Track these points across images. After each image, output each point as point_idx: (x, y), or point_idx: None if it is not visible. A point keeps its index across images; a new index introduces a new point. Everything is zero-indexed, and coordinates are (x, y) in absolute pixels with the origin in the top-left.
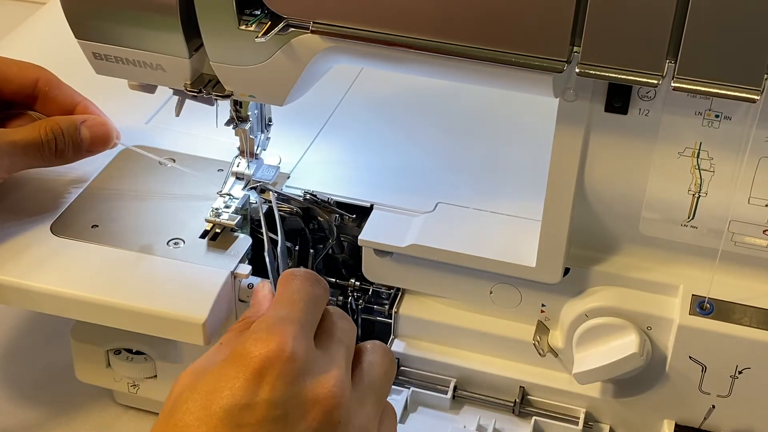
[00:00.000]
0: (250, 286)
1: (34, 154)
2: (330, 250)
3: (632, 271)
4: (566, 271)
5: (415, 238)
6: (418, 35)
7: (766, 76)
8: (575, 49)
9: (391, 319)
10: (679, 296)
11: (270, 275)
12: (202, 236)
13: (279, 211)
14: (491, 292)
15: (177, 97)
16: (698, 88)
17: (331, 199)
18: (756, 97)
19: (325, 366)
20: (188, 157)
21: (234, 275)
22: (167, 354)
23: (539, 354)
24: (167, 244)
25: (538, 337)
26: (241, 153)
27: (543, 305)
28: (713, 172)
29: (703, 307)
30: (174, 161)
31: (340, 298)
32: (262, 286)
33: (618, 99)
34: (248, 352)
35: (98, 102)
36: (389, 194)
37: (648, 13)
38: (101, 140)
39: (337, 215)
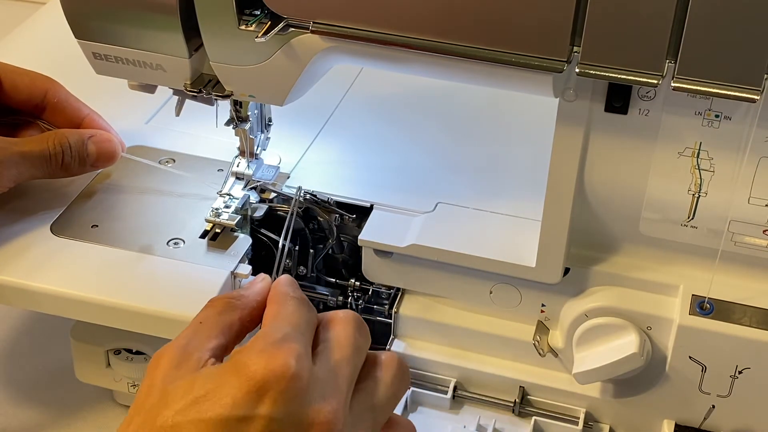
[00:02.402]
0: None
1: (41, 165)
2: (330, 250)
3: (632, 271)
4: (566, 271)
5: (415, 238)
6: (418, 35)
7: (766, 76)
8: (575, 49)
9: (391, 319)
10: (679, 296)
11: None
12: (202, 236)
13: (279, 211)
14: (491, 292)
15: (177, 97)
16: (698, 88)
17: (331, 199)
18: (756, 97)
19: (326, 391)
20: (188, 157)
21: (234, 275)
22: None
23: (539, 354)
24: (167, 244)
25: (538, 337)
26: (241, 153)
27: (543, 305)
28: (713, 172)
29: (703, 307)
30: (174, 161)
31: (341, 298)
32: (263, 278)
33: (618, 99)
34: (253, 363)
35: (98, 102)
36: (389, 194)
37: (648, 13)
38: (107, 156)
39: (337, 215)
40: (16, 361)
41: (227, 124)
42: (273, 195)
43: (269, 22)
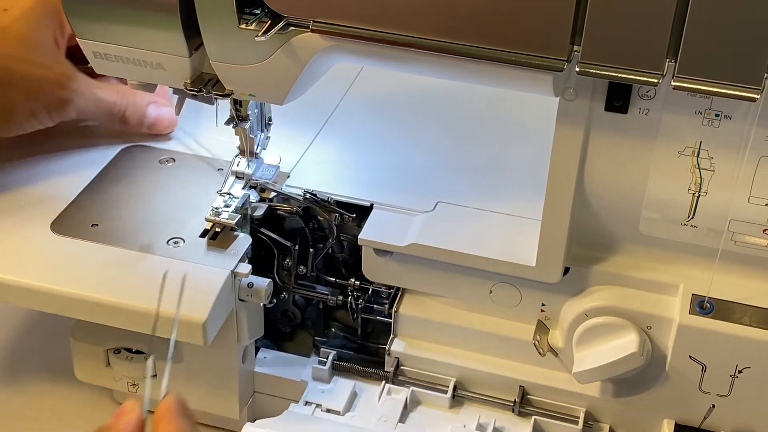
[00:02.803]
0: (251, 285)
1: (105, 111)
2: (330, 250)
3: (632, 271)
4: (566, 270)
5: (415, 237)
6: (418, 34)
7: (766, 75)
8: (575, 48)
9: (391, 318)
10: (679, 295)
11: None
12: (202, 235)
13: (279, 210)
14: (491, 292)
15: (177, 96)
16: (698, 87)
17: (331, 198)
18: (756, 96)
19: None
20: (188, 156)
21: (234, 274)
22: (167, 353)
23: (539, 353)
24: (167, 243)
25: (538, 337)
26: (241, 152)
27: (543, 305)
28: (713, 171)
29: (703, 306)
30: (174, 161)
31: (340, 297)
32: (131, 408)
33: (618, 98)
34: None
35: None
36: (389, 194)
37: (648, 13)
38: (163, 124)
39: (337, 215)
40: (16, 361)
41: (227, 123)
42: (273, 194)
43: (269, 21)
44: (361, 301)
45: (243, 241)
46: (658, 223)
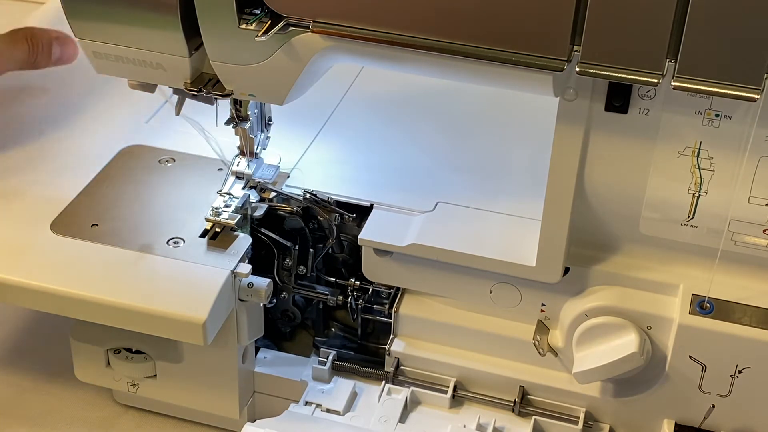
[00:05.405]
0: (251, 285)
1: (20, 64)
2: (330, 250)
3: (632, 271)
4: (566, 270)
5: (414, 237)
6: (418, 34)
7: (766, 75)
8: (575, 48)
9: (391, 318)
10: (679, 296)
11: None
12: (202, 235)
13: (279, 210)
14: (491, 292)
15: (177, 96)
16: (698, 87)
17: (331, 198)
18: (756, 96)
19: None
20: (188, 156)
21: (234, 274)
22: (167, 353)
23: (539, 353)
24: (167, 243)
25: (537, 337)
26: (241, 152)
27: (543, 304)
28: (713, 171)
29: (703, 306)
30: (174, 161)
31: (341, 297)
32: None
33: (618, 98)
34: None
35: (98, 101)
36: (389, 194)
37: (648, 12)
38: (69, 56)
39: (337, 215)
40: (16, 361)
41: (227, 123)
42: (273, 194)
43: (269, 21)
44: (361, 301)
45: (243, 241)
46: (658, 223)
